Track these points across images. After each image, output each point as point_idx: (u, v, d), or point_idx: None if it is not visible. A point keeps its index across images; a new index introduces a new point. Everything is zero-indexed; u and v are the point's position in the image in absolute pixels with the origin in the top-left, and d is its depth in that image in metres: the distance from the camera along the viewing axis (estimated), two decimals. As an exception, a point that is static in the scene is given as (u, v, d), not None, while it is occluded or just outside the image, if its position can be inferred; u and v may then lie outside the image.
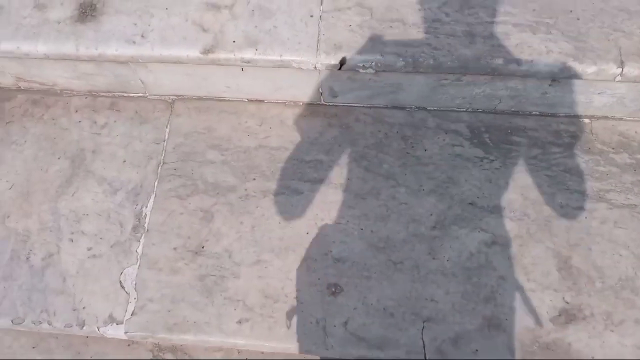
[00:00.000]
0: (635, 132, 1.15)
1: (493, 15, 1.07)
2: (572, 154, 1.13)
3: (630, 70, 1.01)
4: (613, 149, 1.13)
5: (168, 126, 1.22)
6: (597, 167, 1.11)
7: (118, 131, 1.23)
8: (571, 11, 1.07)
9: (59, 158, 1.21)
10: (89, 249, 1.10)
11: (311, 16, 1.09)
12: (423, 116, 1.19)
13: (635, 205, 1.08)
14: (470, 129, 1.17)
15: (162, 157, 1.19)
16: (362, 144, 1.17)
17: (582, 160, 1.12)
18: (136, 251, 1.10)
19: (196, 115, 1.23)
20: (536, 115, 1.17)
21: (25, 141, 1.23)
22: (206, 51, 1.06)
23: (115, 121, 1.24)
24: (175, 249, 1.09)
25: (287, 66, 1.07)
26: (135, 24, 1.10)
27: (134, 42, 1.08)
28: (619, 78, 1.02)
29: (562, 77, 1.03)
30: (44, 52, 1.09)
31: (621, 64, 1.01)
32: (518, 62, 1.02)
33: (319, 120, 1.20)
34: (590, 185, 1.10)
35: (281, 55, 1.06)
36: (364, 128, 1.19)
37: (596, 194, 1.09)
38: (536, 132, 1.16)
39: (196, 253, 1.09)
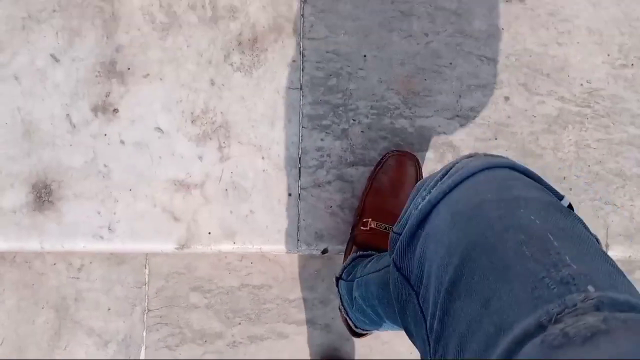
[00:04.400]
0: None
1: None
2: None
3: (614, 254, 1.03)
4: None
5: (147, 266, 1.21)
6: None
7: (96, 274, 1.21)
8: (564, 178, 1.03)
9: (42, 308, 1.21)
10: (93, 404, 1.19)
11: (289, 194, 1.02)
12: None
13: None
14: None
15: (146, 304, 1.21)
16: (343, 290, 1.20)
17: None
18: (138, 404, 1.20)
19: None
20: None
21: (3, 290, 1.22)
22: (181, 246, 1.02)
23: (91, 262, 1.22)
24: (174, 402, 1.19)
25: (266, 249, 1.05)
26: (99, 213, 1.02)
27: (102, 237, 1.02)
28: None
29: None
30: (6, 249, 1.03)
31: (606, 247, 1.03)
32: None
33: (300, 260, 1.21)
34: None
35: (261, 248, 1.03)
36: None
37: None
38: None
39: (194, 405, 1.19)
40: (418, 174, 0.94)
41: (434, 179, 0.45)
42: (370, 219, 0.90)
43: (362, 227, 0.91)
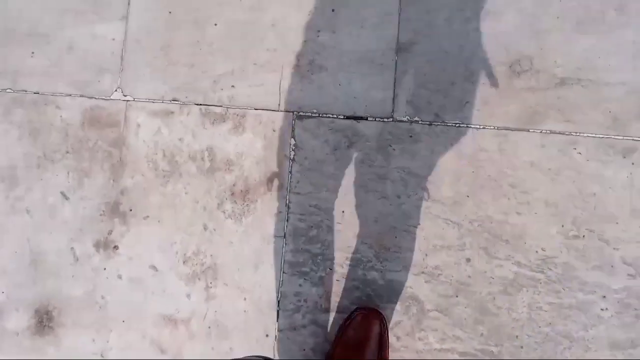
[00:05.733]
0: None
1: (442, 342, 1.13)
2: None
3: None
4: None
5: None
6: None
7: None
8: (517, 337, 1.13)
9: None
10: None
11: (267, 335, 1.12)
12: None
13: None
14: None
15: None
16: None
17: None
18: None
19: None
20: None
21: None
22: (166, 376, 1.12)
23: None
24: None
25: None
26: (94, 340, 1.12)
27: (95, 364, 1.12)
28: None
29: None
30: (6, 367, 1.13)
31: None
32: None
33: None
34: None
35: (238, 382, 1.12)
36: None
37: None
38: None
39: None
40: (383, 331, 1.04)
41: None
42: None
43: None
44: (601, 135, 1.07)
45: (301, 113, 1.13)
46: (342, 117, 1.12)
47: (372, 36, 1.13)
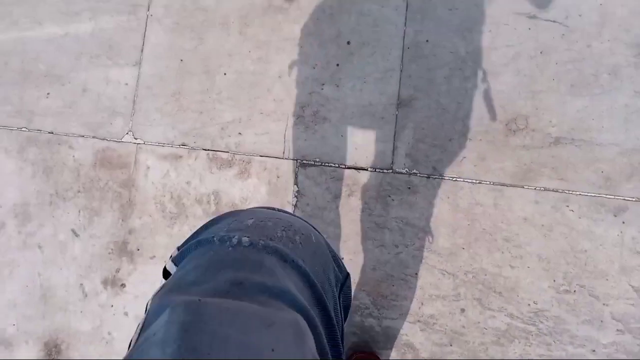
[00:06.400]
0: None
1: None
2: None
3: None
4: None
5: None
6: None
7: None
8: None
9: None
10: None
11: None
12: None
13: None
14: None
15: None
16: None
17: None
18: None
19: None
20: None
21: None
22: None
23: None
24: None
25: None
26: (99, 376, 1.16)
27: (99, 398, 1.16)
28: None
29: None
30: (14, 400, 1.17)
31: None
32: None
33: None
34: None
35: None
36: None
37: None
38: None
39: None
40: None
41: None
42: None
43: None
44: (593, 194, 1.11)
45: (304, 161, 1.17)
46: (344, 166, 1.17)
47: (374, 91, 1.18)
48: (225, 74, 1.21)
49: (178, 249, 0.48)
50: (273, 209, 0.57)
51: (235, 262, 0.42)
